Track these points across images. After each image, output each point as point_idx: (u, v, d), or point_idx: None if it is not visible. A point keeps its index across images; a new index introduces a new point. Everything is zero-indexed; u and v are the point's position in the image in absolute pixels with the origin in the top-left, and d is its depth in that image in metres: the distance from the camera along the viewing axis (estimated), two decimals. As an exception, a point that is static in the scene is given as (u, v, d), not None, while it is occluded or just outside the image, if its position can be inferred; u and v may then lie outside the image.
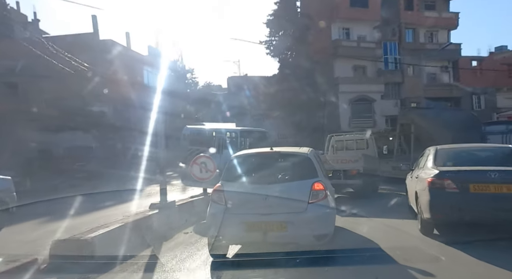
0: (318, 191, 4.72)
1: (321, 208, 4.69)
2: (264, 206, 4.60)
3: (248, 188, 4.95)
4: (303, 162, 5.11)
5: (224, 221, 4.62)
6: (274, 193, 4.67)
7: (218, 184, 5.02)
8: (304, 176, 4.95)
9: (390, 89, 30.12)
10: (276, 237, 4.57)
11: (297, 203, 4.65)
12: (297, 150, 5.58)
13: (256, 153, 5.64)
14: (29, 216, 8.30)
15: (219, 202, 4.77)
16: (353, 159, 10.62)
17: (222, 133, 17.37)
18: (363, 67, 30.18)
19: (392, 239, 5.86)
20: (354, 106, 28.85)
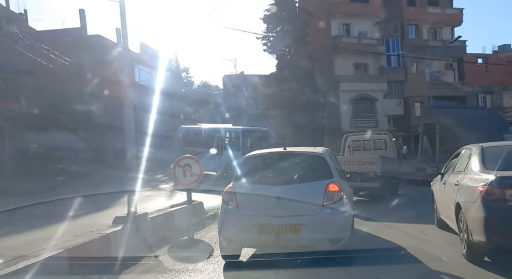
0: (333, 192, 4.54)
1: (336, 211, 4.50)
2: (276, 208, 4.45)
3: (260, 189, 4.74)
4: (318, 162, 4.97)
5: (236, 223, 4.55)
6: (287, 194, 4.50)
7: (230, 185, 4.86)
8: (319, 177, 4.80)
9: (392, 87, 28.89)
10: (289, 240, 4.41)
11: (311, 205, 4.49)
12: (311, 150, 5.40)
13: (268, 153, 5.47)
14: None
15: (230, 204, 4.64)
16: (369, 161, 10.00)
17: (222, 133, 16.23)
18: (364, 65, 28.97)
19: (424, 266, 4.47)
20: (355, 106, 27.60)
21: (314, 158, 5.12)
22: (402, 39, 28.78)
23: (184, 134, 17.85)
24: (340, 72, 27.55)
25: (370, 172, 9.72)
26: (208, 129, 18.13)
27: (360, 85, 27.44)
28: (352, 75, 27.82)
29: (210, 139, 16.53)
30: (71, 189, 13.97)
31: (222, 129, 16.78)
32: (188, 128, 18.42)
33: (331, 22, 27.46)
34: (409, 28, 29.18)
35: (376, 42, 28.23)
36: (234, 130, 16.25)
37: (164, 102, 27.18)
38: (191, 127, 18.96)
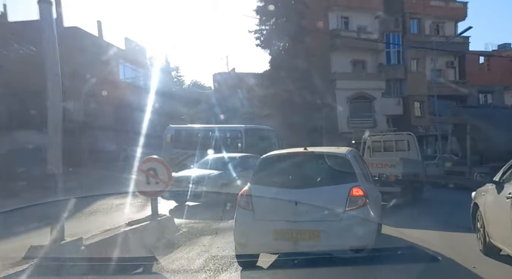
0: (357, 197, 4.26)
1: (359, 217, 4.21)
2: (295, 212, 4.20)
3: (278, 192, 4.45)
4: (341, 163, 4.65)
5: (251, 227, 4.37)
6: (306, 198, 4.25)
7: (246, 187, 4.61)
8: (342, 180, 4.50)
9: (391, 86, 27.43)
10: (308, 247, 4.16)
11: (333, 210, 4.23)
12: (334, 150, 5.07)
13: (287, 153, 5.13)
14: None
15: (246, 207, 4.43)
16: (390, 164, 9.32)
17: (220, 133, 14.68)
18: (362, 61, 27.40)
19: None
20: (352, 105, 26.09)
21: (337, 159, 4.74)
22: (404, 34, 27.24)
23: (173, 135, 16.21)
24: (337, 69, 25.96)
25: (390, 176, 9.00)
26: (202, 128, 16.44)
27: (358, 84, 25.90)
28: (349, 73, 26.25)
29: (205, 139, 14.92)
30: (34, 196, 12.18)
31: (220, 128, 15.19)
32: (179, 128, 16.69)
33: (329, 15, 25.72)
34: (411, 22, 27.60)
35: (377, 37, 26.61)
36: (234, 129, 14.68)
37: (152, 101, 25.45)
38: (182, 127, 17.17)
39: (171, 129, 16.78)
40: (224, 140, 14.36)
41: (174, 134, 16.28)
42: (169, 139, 16.54)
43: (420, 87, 27.56)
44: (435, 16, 28.15)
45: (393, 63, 27.05)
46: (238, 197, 4.55)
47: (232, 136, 14.66)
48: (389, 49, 26.85)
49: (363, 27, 26.85)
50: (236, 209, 4.53)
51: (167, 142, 16.43)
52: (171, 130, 16.66)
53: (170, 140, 16.45)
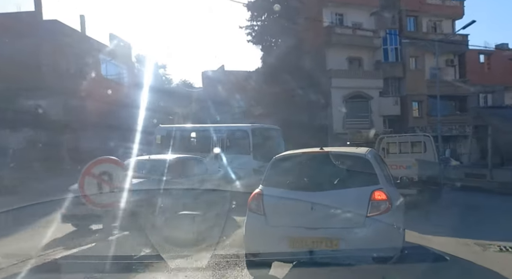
0: (379, 201, 3.88)
1: (383, 223, 3.79)
2: (311, 217, 3.87)
3: (292, 195, 4.08)
4: (361, 164, 4.30)
5: (263, 234, 4.03)
6: (324, 202, 3.91)
7: (257, 189, 4.27)
8: (362, 182, 4.14)
9: (389, 85, 26.27)
10: (325, 256, 3.80)
11: (353, 216, 3.87)
12: (353, 150, 4.83)
13: (302, 153, 4.66)
14: None
15: (257, 212, 4.09)
16: (405, 165, 9.07)
17: (222, 133, 13.10)
18: (358, 59, 26.27)
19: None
20: (348, 104, 24.84)
21: (357, 159, 4.47)
22: (400, 31, 26.20)
23: (165, 136, 14.57)
24: (332, 66, 24.78)
25: (406, 177, 8.81)
26: (200, 128, 14.85)
27: (354, 82, 24.70)
28: (345, 71, 25.08)
29: (204, 141, 13.48)
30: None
31: (221, 128, 13.62)
32: (171, 128, 15.03)
33: (323, 10, 24.63)
34: (408, 19, 26.62)
35: (372, 34, 25.56)
36: (240, 129, 13.18)
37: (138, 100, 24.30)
38: (175, 127, 15.49)
39: (162, 129, 15.12)
40: (227, 141, 12.85)
41: (166, 135, 14.62)
42: (159, 140, 14.82)
43: (419, 87, 26.46)
44: (432, 14, 27.25)
45: (391, 61, 25.91)
46: (249, 200, 4.24)
47: (237, 137, 13.07)
48: (386, 46, 25.77)
49: (359, 23, 25.80)
50: (247, 213, 4.23)
51: (157, 144, 14.75)
52: (162, 131, 15.02)
53: (161, 141, 14.71)
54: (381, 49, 25.94)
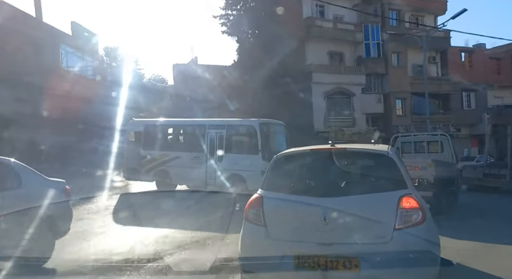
0: (410, 210, 3.04)
1: (416, 238, 2.96)
2: (324, 230, 3.07)
3: (299, 201, 3.29)
4: (383, 164, 3.47)
5: (263, 250, 3.24)
6: (339, 210, 3.11)
7: (256, 194, 3.50)
8: (386, 186, 3.32)
9: (371, 81, 25.05)
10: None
11: (377, 228, 3.05)
12: (371, 147, 3.81)
13: (310, 150, 3.78)
14: None
15: (256, 222, 3.32)
16: (420, 166, 8.53)
17: (222, 129, 11.34)
18: (340, 54, 24.94)
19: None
20: (330, 101, 23.41)
21: (378, 158, 3.56)
22: (383, 25, 25.07)
23: (141, 132, 12.58)
24: (312, 61, 23.31)
25: (421, 178, 8.38)
26: (192, 123, 12.73)
27: (336, 77, 23.31)
28: (326, 65, 23.66)
29: (195, 138, 11.69)
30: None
31: (221, 123, 11.82)
32: (150, 123, 12.99)
33: (303, 1, 23.15)
34: (390, 13, 25.56)
35: (354, 28, 24.28)
36: (245, 124, 11.34)
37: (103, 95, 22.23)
38: (156, 122, 13.29)
39: (137, 124, 12.95)
40: (227, 138, 11.20)
41: (143, 132, 12.62)
42: (133, 137, 12.84)
43: (402, 84, 25.39)
44: (415, 8, 26.35)
45: (373, 57, 24.71)
46: (246, 207, 3.48)
47: (241, 133, 11.37)
48: (368, 41, 24.57)
49: (340, 16, 24.49)
50: (243, 224, 3.44)
51: (131, 141, 12.78)
52: (137, 126, 12.87)
53: (135, 139, 12.76)
54: (363, 44, 24.72)
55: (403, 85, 25.32)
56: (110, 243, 5.74)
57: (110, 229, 6.88)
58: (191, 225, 6.60)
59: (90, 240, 5.89)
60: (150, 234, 6.06)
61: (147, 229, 6.51)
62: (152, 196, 11.44)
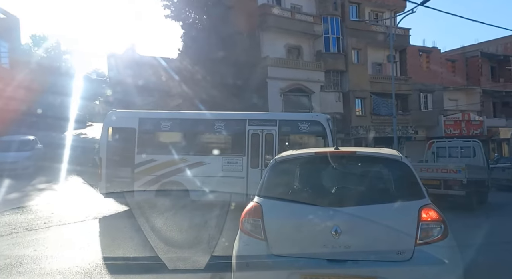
0: (431, 223, 2.73)
1: (438, 255, 2.64)
2: (335, 245, 2.71)
3: (305, 211, 2.89)
4: (397, 170, 3.15)
5: (265, 268, 2.80)
6: (351, 222, 2.73)
7: (253, 202, 3.04)
8: (402, 195, 2.96)
9: (331, 78, 23.22)
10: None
11: (395, 243, 2.69)
12: (382, 151, 3.35)
13: (315, 154, 3.35)
14: None
15: (255, 235, 2.89)
16: (455, 169, 9.38)
17: (271, 125, 8.97)
18: (298, 47, 22.84)
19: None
20: (287, 98, 21.20)
21: (391, 164, 3.19)
22: (343, 19, 23.38)
23: (136, 129, 9.19)
24: (268, 53, 20.94)
25: (454, 180, 9.25)
26: (221, 117, 9.53)
27: (293, 73, 21.16)
28: (283, 59, 21.42)
29: (229, 137, 9.27)
30: None
31: (271, 117, 9.47)
32: (148, 117, 9.64)
33: (257, -14, 20.75)
34: (350, 7, 23.97)
35: (313, 20, 22.30)
36: (307, 120, 9.17)
37: (21, 85, 18.57)
38: (157, 114, 10.01)
39: (122, 118, 9.33)
40: (282, 138, 8.97)
41: (137, 128, 9.16)
42: (116, 135, 9.22)
43: (362, 82, 23.87)
44: (375, 4, 25.04)
45: (332, 52, 22.88)
46: (242, 216, 3.03)
47: (301, 131, 9.04)
48: (328, 35, 22.71)
49: (298, 7, 22.41)
50: (238, 236, 3.01)
51: (111, 141, 9.17)
52: (123, 121, 9.29)
53: (119, 137, 9.18)
54: (322, 38, 22.83)
55: (363, 84, 23.82)
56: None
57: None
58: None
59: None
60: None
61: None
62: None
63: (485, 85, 29.80)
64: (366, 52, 24.39)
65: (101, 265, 4.51)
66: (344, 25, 23.44)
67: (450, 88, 28.26)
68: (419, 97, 26.99)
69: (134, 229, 6.43)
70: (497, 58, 31.72)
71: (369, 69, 24.80)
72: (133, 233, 6.30)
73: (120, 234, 6.56)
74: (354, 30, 23.68)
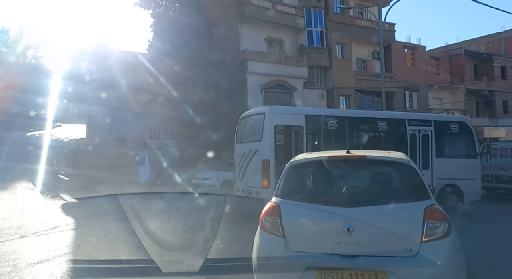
0: (436, 222, 2.98)
1: (443, 251, 2.91)
2: (347, 242, 2.94)
3: (319, 211, 3.14)
4: (404, 173, 3.42)
5: (283, 262, 3.06)
6: (362, 221, 2.95)
7: (272, 201, 3.32)
8: (409, 196, 3.24)
9: (314, 75, 21.92)
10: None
11: (403, 241, 2.93)
12: (390, 155, 3.62)
13: (328, 157, 3.58)
14: None
15: (274, 232, 3.15)
16: (504, 167, 11.27)
17: (426, 126, 9.17)
18: (279, 41, 21.42)
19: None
20: (268, 95, 19.73)
21: (399, 167, 3.43)
22: (326, 12, 22.10)
23: (303, 128, 8.24)
24: (248, 47, 19.40)
25: (504, 176, 11.17)
26: (383, 116, 9.55)
27: (275, 68, 19.72)
28: (264, 53, 19.94)
29: (391, 137, 9.08)
30: None
31: (426, 118, 9.65)
32: (314, 114, 8.94)
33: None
34: (334, 0, 22.71)
35: (295, 12, 20.92)
36: (455, 120, 9.57)
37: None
38: (320, 111, 9.98)
39: (282, 114, 8.32)
40: (437, 139, 9.15)
41: (304, 127, 8.22)
42: (280, 135, 8.16)
43: (347, 79, 22.67)
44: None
45: (316, 46, 21.56)
46: (262, 215, 3.30)
47: (452, 131, 9.26)
48: (311, 28, 21.38)
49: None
50: (258, 233, 3.26)
51: (275, 141, 7.89)
52: (285, 117, 8.25)
53: (285, 138, 8.13)
54: (305, 32, 21.48)
55: (347, 81, 22.63)
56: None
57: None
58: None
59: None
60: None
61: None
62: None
63: (468, 84, 29.27)
64: (351, 48, 23.23)
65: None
66: (328, 18, 22.19)
67: (435, 86, 27.52)
68: (404, 95, 26.06)
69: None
70: (480, 56, 31.32)
71: (354, 65, 23.65)
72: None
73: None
74: (338, 24, 22.48)
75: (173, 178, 13.14)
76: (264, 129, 7.86)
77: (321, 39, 21.80)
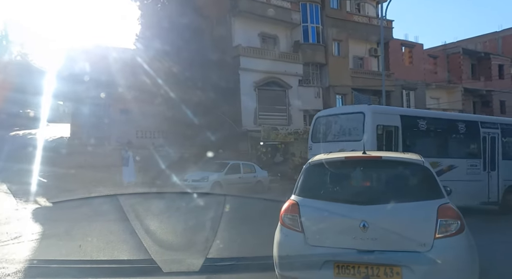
0: (449, 219, 3.11)
1: (455, 248, 3.05)
2: (363, 238, 3.09)
3: (336, 209, 3.31)
4: (419, 173, 3.52)
5: (303, 256, 3.25)
6: (377, 218, 3.12)
7: (291, 199, 3.49)
8: (423, 195, 3.34)
9: (309, 72, 21.19)
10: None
11: (417, 237, 3.07)
12: (405, 156, 3.91)
13: (346, 158, 3.82)
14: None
15: (294, 228, 3.32)
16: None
17: (494, 128, 9.52)
18: (273, 37, 20.66)
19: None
20: (261, 93, 18.98)
21: (413, 167, 3.55)
22: (323, 7, 21.38)
23: (399, 128, 8.43)
24: (241, 42, 18.62)
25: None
26: (460, 118, 10.35)
27: (269, 65, 18.92)
28: (258, 49, 19.18)
29: (467, 139, 9.38)
30: None
31: (493, 120, 10.12)
32: (409, 114, 9.57)
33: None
34: (330, -5, 22.03)
35: (291, 6, 20.18)
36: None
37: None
38: (411, 112, 10.90)
39: (382, 114, 8.75)
40: (504, 140, 9.55)
41: (400, 127, 8.39)
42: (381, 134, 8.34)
43: (343, 77, 21.95)
44: (356, -8, 23.26)
45: (312, 42, 20.83)
46: (282, 212, 3.46)
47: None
48: (306, 24, 20.64)
49: (274, -9, 20.22)
50: (279, 229, 3.43)
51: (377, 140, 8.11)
52: (384, 117, 8.57)
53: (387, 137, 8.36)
54: (300, 27, 20.74)
55: (343, 79, 21.91)
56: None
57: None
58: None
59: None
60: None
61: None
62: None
63: (466, 83, 28.74)
64: (348, 45, 22.53)
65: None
66: (324, 13, 21.48)
67: (433, 85, 26.92)
68: (401, 94, 25.42)
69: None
70: (478, 55, 30.81)
71: (350, 63, 22.96)
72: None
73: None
74: (335, 20, 21.78)
75: (161, 179, 12.37)
76: (365, 129, 7.97)
77: (317, 35, 21.08)
